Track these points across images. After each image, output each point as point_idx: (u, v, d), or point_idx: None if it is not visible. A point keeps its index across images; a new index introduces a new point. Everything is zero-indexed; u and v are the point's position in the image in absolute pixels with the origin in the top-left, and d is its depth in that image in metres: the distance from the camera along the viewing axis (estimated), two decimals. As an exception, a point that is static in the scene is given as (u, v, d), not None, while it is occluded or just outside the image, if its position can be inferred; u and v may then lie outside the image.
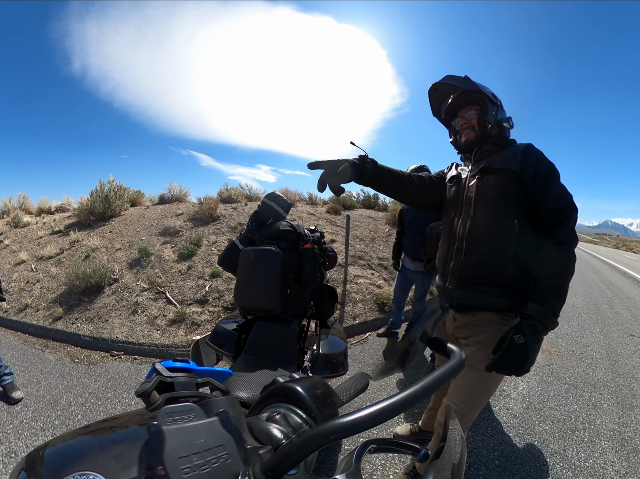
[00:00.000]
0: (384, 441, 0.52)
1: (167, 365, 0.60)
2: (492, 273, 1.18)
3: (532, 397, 2.49)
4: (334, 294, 2.03)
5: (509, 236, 1.15)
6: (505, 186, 1.16)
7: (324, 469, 1.68)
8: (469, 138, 1.26)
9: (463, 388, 1.26)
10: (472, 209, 1.23)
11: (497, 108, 1.24)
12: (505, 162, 1.18)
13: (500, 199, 1.17)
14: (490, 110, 1.22)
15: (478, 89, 1.21)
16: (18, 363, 2.88)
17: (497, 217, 1.17)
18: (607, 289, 6.95)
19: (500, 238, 1.16)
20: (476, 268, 1.21)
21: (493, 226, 1.18)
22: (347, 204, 8.13)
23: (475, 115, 1.24)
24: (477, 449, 1.90)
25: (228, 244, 1.86)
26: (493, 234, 1.18)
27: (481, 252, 1.19)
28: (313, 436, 0.35)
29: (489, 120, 1.21)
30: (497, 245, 1.17)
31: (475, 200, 1.23)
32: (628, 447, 1.98)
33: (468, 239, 1.23)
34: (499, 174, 1.18)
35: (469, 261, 1.22)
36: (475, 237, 1.21)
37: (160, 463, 0.36)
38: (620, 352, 3.48)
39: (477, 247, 1.20)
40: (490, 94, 1.23)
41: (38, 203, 8.64)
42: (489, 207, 1.19)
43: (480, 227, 1.20)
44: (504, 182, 1.16)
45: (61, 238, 5.89)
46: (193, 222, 5.97)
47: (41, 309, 3.92)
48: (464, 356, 0.47)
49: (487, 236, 1.19)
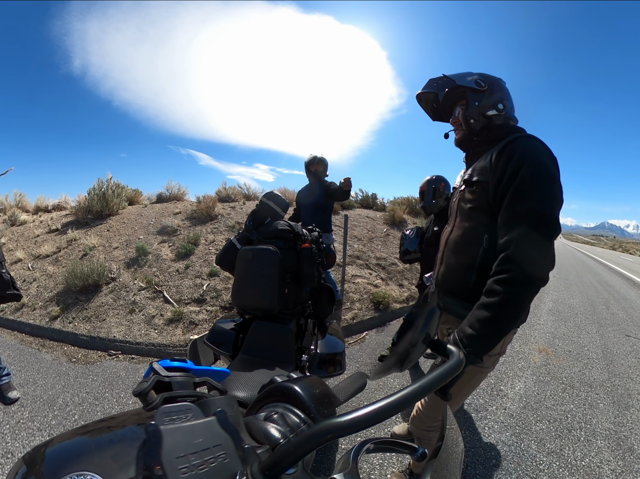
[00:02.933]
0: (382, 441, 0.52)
1: (164, 364, 0.60)
2: (457, 285, 1.18)
3: (529, 397, 2.50)
4: (332, 294, 2.03)
5: (477, 250, 1.10)
6: (479, 200, 1.10)
7: (321, 468, 1.68)
8: (458, 137, 1.23)
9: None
10: (452, 222, 1.25)
11: (483, 95, 1.13)
12: (481, 173, 1.10)
13: (473, 213, 1.13)
14: (472, 103, 1.13)
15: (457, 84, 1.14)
16: (14, 363, 2.86)
17: (467, 231, 1.15)
18: (603, 290, 7.00)
19: (466, 252, 1.14)
20: (445, 278, 1.23)
21: (463, 239, 1.16)
22: (345, 203, 8.12)
23: (462, 112, 1.18)
24: (474, 448, 1.91)
25: (226, 243, 1.86)
26: (461, 247, 1.17)
27: (449, 264, 1.21)
28: (311, 436, 0.35)
29: (471, 115, 1.15)
30: (462, 259, 1.15)
31: (455, 213, 1.24)
32: (624, 446, 2.00)
33: (444, 250, 1.26)
34: (475, 187, 1.12)
35: (442, 271, 1.25)
36: (449, 249, 1.22)
37: (158, 462, 0.36)
38: (616, 352, 3.51)
39: (448, 259, 1.22)
40: (472, 81, 1.14)
41: (35, 201, 8.58)
42: (463, 221, 1.18)
43: (453, 240, 1.21)
44: (478, 196, 1.11)
45: (58, 237, 5.86)
46: (191, 221, 5.95)
47: (38, 308, 3.90)
48: (462, 356, 0.48)
49: (457, 249, 1.19)
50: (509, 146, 1.03)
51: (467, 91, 1.14)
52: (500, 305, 0.92)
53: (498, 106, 1.13)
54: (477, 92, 1.13)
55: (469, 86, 1.13)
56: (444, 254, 1.26)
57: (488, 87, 1.13)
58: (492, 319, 0.93)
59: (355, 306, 3.95)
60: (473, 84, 1.13)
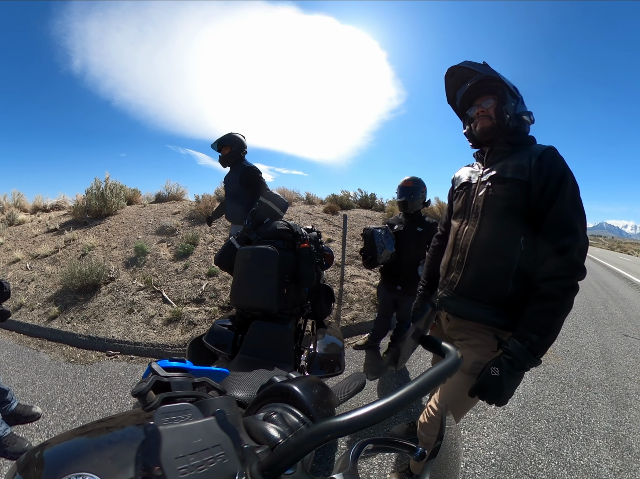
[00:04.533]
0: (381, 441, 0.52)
1: (163, 365, 0.60)
2: (491, 291, 1.10)
3: (528, 396, 2.51)
4: (331, 294, 2.03)
5: (514, 253, 1.06)
6: (515, 198, 1.06)
7: (320, 469, 1.68)
8: (485, 126, 1.16)
9: (449, 390, 1.20)
10: (478, 221, 1.15)
11: (517, 101, 1.14)
12: (517, 171, 1.07)
13: (508, 213, 1.08)
14: (510, 101, 1.12)
15: (498, 77, 1.12)
16: (12, 363, 2.85)
17: (502, 232, 1.09)
18: (601, 290, 7.02)
19: (503, 255, 1.08)
20: (475, 284, 1.14)
21: (497, 241, 1.10)
22: (344, 203, 8.12)
23: (493, 105, 1.14)
24: (473, 448, 1.91)
25: (225, 243, 1.86)
26: (496, 249, 1.10)
27: (482, 268, 1.12)
28: (310, 436, 0.35)
29: (507, 110, 1.12)
30: (499, 262, 1.09)
31: (482, 211, 1.14)
32: (622, 445, 2.00)
33: (470, 252, 1.16)
34: (509, 184, 1.08)
35: (469, 275, 1.15)
36: (478, 251, 1.14)
37: (157, 463, 0.36)
38: (614, 352, 3.52)
39: (479, 263, 1.13)
40: (512, 85, 1.14)
41: (33, 201, 8.54)
42: (495, 220, 1.11)
43: (484, 241, 1.12)
44: (514, 193, 1.07)
45: (56, 236, 5.84)
46: (190, 221, 5.94)
47: (36, 309, 3.89)
48: (460, 355, 0.47)
49: (490, 251, 1.11)
50: (549, 152, 1.05)
51: (504, 89, 1.13)
52: (563, 309, 0.98)
53: (531, 117, 1.16)
54: (513, 97, 1.14)
55: (509, 86, 1.13)
56: (468, 256, 1.16)
57: (521, 98, 1.16)
58: (557, 324, 0.98)
59: (354, 306, 3.95)
60: (512, 87, 1.14)
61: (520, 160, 1.08)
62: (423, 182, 2.55)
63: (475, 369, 1.11)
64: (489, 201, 1.13)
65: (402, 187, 2.52)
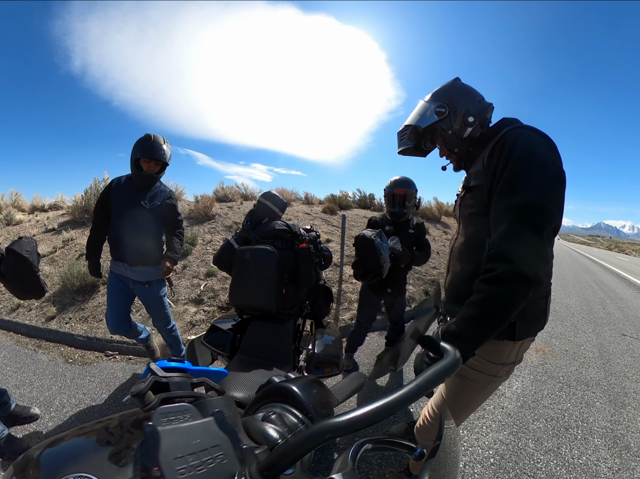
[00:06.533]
0: (380, 440, 0.52)
1: (162, 365, 0.60)
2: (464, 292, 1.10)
3: (526, 396, 2.51)
4: (330, 294, 2.03)
5: (479, 255, 1.05)
6: (478, 204, 1.07)
7: (320, 468, 1.68)
8: (455, 165, 1.23)
9: (448, 393, 1.21)
10: (458, 230, 1.24)
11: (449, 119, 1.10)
12: (476, 177, 1.07)
13: (474, 219, 1.10)
14: (446, 133, 1.12)
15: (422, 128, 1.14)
16: (10, 364, 2.84)
17: (470, 238, 1.12)
18: (599, 290, 7.04)
19: (471, 258, 1.10)
20: (451, 287, 1.21)
21: (466, 246, 1.13)
22: (343, 204, 8.13)
23: (442, 146, 1.19)
24: (472, 447, 1.91)
25: (223, 243, 1.86)
26: (466, 254, 1.13)
27: (455, 272, 1.18)
28: (309, 436, 0.35)
29: (452, 146, 1.14)
30: (467, 266, 1.11)
31: (459, 221, 1.24)
32: (620, 444, 2.01)
33: (449, 258, 1.25)
34: (473, 192, 1.09)
35: (449, 280, 1.23)
36: (454, 257, 1.21)
37: (156, 463, 0.36)
38: (612, 351, 3.53)
39: (454, 268, 1.20)
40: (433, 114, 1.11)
41: (31, 200, 8.50)
42: (467, 227, 1.15)
43: (457, 248, 1.19)
44: (477, 201, 1.07)
45: (55, 236, 5.82)
46: (188, 221, 5.93)
47: (34, 309, 3.87)
48: (458, 355, 0.47)
49: (461, 256, 1.16)
50: (499, 143, 0.99)
51: (435, 126, 1.13)
52: (483, 304, 0.88)
53: (468, 120, 1.08)
54: (444, 120, 1.11)
55: (433, 122, 1.11)
56: (450, 263, 1.24)
57: (449, 109, 1.10)
58: (475, 318, 0.89)
59: (353, 306, 3.95)
60: (435, 117, 1.11)
61: (477, 164, 1.08)
62: (414, 184, 2.39)
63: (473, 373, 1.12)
64: (461, 210, 1.19)
65: (395, 195, 2.35)
